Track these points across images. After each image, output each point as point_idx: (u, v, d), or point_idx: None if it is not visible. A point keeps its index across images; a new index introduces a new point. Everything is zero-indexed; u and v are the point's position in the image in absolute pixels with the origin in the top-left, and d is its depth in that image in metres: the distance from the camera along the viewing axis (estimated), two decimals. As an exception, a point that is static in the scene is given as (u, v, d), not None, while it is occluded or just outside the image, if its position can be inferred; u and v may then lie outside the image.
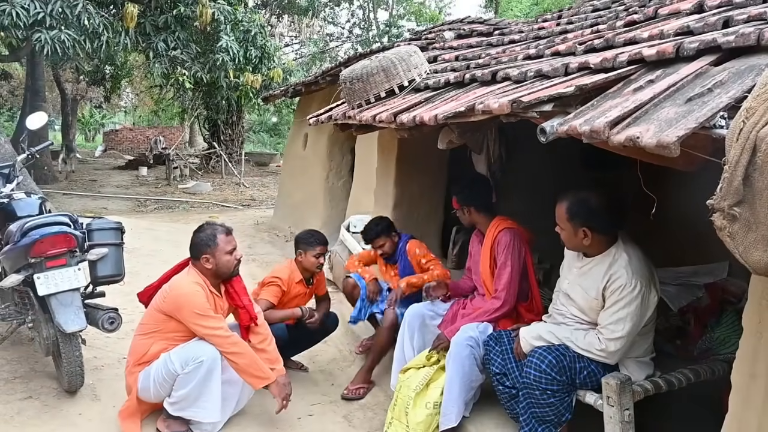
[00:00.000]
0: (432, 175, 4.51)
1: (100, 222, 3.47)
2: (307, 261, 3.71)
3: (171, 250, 6.23)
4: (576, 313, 2.60)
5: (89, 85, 20.74)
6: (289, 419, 3.28)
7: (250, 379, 2.97)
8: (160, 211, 11.92)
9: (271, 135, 31.71)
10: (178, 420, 2.97)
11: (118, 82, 19.73)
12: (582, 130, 1.70)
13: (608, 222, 2.50)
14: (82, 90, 22.07)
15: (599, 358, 2.47)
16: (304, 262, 3.71)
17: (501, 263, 3.13)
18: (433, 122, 2.61)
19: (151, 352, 2.97)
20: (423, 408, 2.96)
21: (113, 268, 3.38)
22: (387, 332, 3.58)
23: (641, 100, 1.72)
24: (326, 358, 3.97)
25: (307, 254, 3.71)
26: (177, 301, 2.92)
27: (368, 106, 3.60)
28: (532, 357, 2.54)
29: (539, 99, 2.03)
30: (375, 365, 3.68)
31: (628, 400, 2.36)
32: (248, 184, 16.07)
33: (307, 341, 3.89)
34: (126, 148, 27.49)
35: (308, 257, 3.71)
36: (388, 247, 3.89)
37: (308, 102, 8.71)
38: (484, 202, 3.32)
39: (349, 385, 3.63)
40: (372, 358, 3.67)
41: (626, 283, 2.39)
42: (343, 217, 6.95)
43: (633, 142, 1.53)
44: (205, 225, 3.13)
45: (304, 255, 3.71)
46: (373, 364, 3.68)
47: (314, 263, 3.73)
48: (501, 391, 2.79)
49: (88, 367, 3.43)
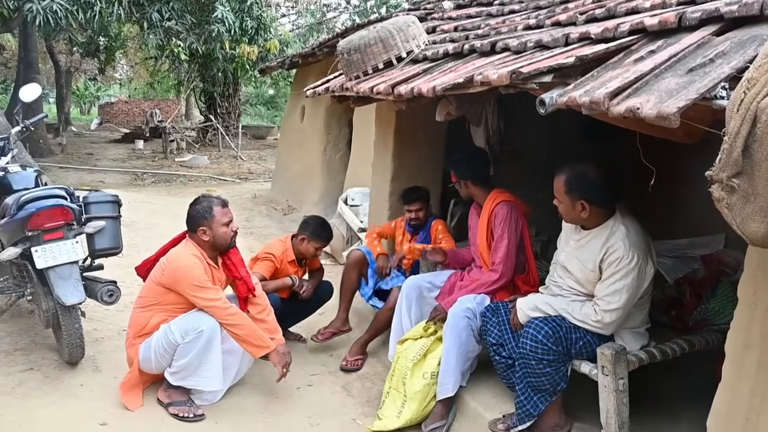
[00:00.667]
0: (430, 148, 4.48)
1: (96, 195, 3.47)
2: (306, 249, 3.75)
3: (169, 223, 6.23)
4: (573, 285, 2.61)
5: (83, 57, 20.48)
6: (289, 389, 3.33)
7: (250, 348, 3.00)
8: (158, 185, 11.88)
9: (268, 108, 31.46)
10: (179, 390, 3.01)
11: (113, 53, 19.48)
12: (582, 101, 1.68)
13: (606, 195, 2.50)
14: (76, 62, 21.79)
15: (595, 328, 2.49)
16: (302, 248, 3.74)
17: (498, 236, 3.13)
18: (431, 94, 2.58)
19: (151, 324, 3.00)
20: (420, 378, 3.00)
21: (111, 241, 3.38)
22: (389, 313, 3.60)
23: (642, 70, 1.70)
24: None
25: (309, 243, 3.75)
26: (175, 274, 2.94)
27: (366, 77, 3.56)
28: (528, 328, 2.56)
29: (539, 70, 2.01)
30: (371, 339, 3.72)
31: (622, 370, 2.39)
32: (245, 157, 16.00)
33: (303, 311, 3.92)
34: (122, 121, 27.25)
35: (308, 247, 3.75)
36: (423, 215, 3.91)
37: (305, 74, 8.62)
38: (481, 175, 3.32)
39: (348, 356, 3.68)
40: (370, 332, 3.70)
41: (623, 255, 2.40)
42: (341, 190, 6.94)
43: (633, 114, 1.52)
44: (201, 197, 3.13)
45: (306, 242, 3.74)
46: (370, 338, 3.72)
47: (311, 253, 3.80)
48: (497, 361, 2.82)
49: (88, 339, 3.46)
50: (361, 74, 3.60)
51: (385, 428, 2.95)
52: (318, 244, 3.75)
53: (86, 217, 3.32)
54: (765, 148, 1.30)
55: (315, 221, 3.84)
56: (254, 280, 3.24)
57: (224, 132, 17.52)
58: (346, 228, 5.73)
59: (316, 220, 3.86)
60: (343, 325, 3.91)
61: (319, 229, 3.77)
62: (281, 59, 9.68)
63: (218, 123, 17.89)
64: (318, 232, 3.76)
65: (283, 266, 3.73)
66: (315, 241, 3.74)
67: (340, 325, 3.91)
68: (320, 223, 3.83)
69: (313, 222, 3.83)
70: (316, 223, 3.81)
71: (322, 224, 3.83)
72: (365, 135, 5.66)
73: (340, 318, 3.92)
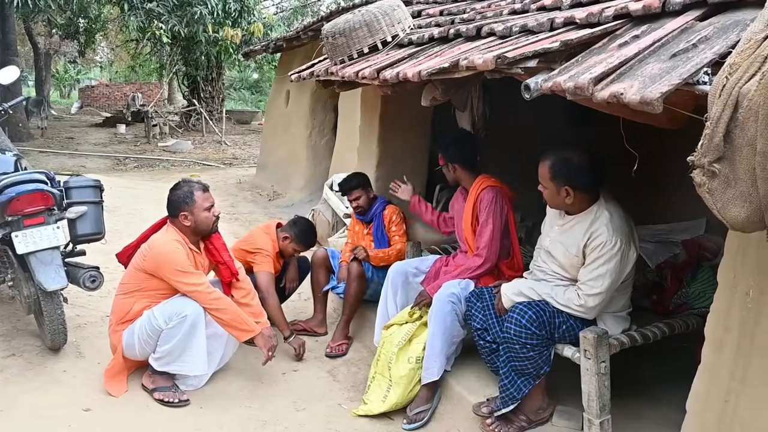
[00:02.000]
0: (415, 133, 4.48)
1: (78, 179, 3.42)
2: (285, 247, 3.77)
3: (152, 208, 6.17)
4: (556, 270, 2.64)
5: (62, 39, 20.07)
6: (274, 374, 3.33)
7: (235, 333, 3.00)
8: (140, 170, 11.74)
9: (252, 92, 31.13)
10: (164, 375, 3.00)
11: (93, 35, 19.08)
12: (566, 86, 1.69)
13: (590, 180, 2.52)
14: (55, 44, 21.36)
15: (578, 313, 2.52)
16: (282, 244, 3.75)
17: (483, 221, 3.15)
18: (416, 79, 2.57)
19: (134, 310, 2.98)
20: (406, 363, 3.02)
21: (93, 226, 3.34)
22: (356, 282, 3.65)
23: (626, 55, 1.71)
24: (309, 315, 4.00)
25: (291, 244, 3.75)
26: (157, 259, 2.92)
27: (351, 62, 3.54)
28: (512, 312, 2.58)
29: (524, 55, 2.01)
30: (351, 318, 3.75)
31: (604, 353, 2.43)
32: (230, 142, 15.85)
33: (283, 291, 3.92)
34: (103, 104, 26.83)
35: (288, 246, 3.76)
36: (363, 201, 3.93)
37: (290, 58, 8.53)
38: (469, 160, 3.32)
39: (331, 343, 3.69)
40: (347, 311, 3.73)
41: (607, 240, 2.42)
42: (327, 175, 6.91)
43: (616, 99, 1.53)
44: (181, 182, 3.10)
45: (288, 241, 3.74)
46: (349, 318, 3.75)
47: (288, 252, 3.82)
48: (482, 345, 2.85)
49: (70, 325, 3.43)
50: (346, 58, 3.58)
51: (370, 412, 2.98)
52: (299, 247, 3.78)
53: (67, 202, 3.28)
54: (746, 133, 1.31)
55: (304, 225, 3.81)
56: (237, 264, 3.23)
57: (208, 117, 17.33)
58: (332, 214, 5.71)
59: (305, 224, 3.83)
60: (319, 326, 3.91)
61: (305, 234, 3.77)
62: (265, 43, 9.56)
63: (202, 107, 17.69)
64: (303, 237, 3.76)
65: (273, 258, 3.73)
66: (297, 243, 3.75)
67: (316, 325, 3.91)
68: (308, 229, 3.82)
69: (301, 225, 3.80)
70: (304, 228, 3.79)
71: (310, 230, 3.83)
72: (351, 120, 5.63)
73: (317, 318, 3.93)
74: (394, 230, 3.91)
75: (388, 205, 3.99)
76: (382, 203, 3.99)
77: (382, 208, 3.97)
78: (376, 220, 3.95)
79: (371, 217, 3.97)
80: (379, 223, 3.93)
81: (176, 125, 18.01)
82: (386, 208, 3.96)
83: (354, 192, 3.94)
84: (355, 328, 3.83)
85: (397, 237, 3.90)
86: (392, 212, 3.95)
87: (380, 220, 3.94)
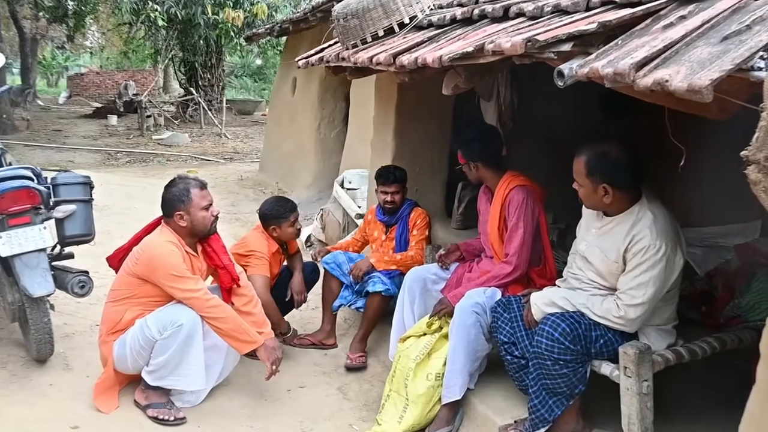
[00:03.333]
0: (436, 125, 4.47)
1: (66, 176, 3.46)
2: (285, 233, 3.76)
3: (145, 207, 6.24)
4: (593, 278, 2.62)
5: (50, 23, 20.34)
6: (279, 390, 3.35)
7: (235, 344, 3.02)
8: (133, 165, 11.88)
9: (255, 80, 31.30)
10: (158, 390, 3.03)
11: (82, 19, 19.34)
12: (604, 72, 1.68)
13: (631, 177, 2.50)
14: (42, 28, 21.65)
15: (617, 325, 2.50)
16: (281, 235, 3.76)
17: (512, 224, 3.13)
18: (437, 64, 2.57)
19: (126, 319, 3.01)
20: (424, 379, 3.02)
21: (82, 226, 3.39)
22: (378, 299, 3.63)
23: (671, 38, 1.69)
24: (317, 325, 4.02)
25: (283, 227, 3.75)
26: (151, 263, 2.95)
27: (364, 46, 3.54)
28: (543, 325, 2.57)
29: (557, 38, 2.00)
30: (369, 333, 3.76)
31: (647, 371, 2.40)
32: (230, 134, 15.97)
33: (291, 302, 3.93)
34: (93, 94, 27.17)
35: (284, 229, 3.75)
36: (400, 199, 3.90)
37: (297, 42, 8.57)
38: (493, 157, 3.31)
39: (349, 354, 3.69)
40: (365, 325, 3.73)
41: (650, 244, 2.40)
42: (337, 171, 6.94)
43: (661, 87, 1.51)
44: (176, 179, 3.13)
45: (278, 229, 3.74)
46: (368, 332, 3.75)
47: (293, 233, 3.80)
48: (509, 361, 2.84)
49: (58, 334, 3.47)
50: (359, 42, 3.59)
51: (384, 434, 2.98)
52: (289, 220, 3.73)
53: (55, 201, 3.32)
54: (807, 125, 1.29)
55: (266, 208, 3.78)
56: (238, 268, 3.25)
57: (206, 107, 17.46)
58: (342, 214, 5.73)
59: (266, 207, 3.81)
60: (327, 337, 3.93)
61: (276, 211, 3.74)
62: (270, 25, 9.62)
63: (200, 97, 17.83)
64: (278, 213, 3.73)
65: (270, 257, 3.74)
66: (284, 220, 3.72)
67: (324, 337, 3.93)
68: (271, 205, 3.79)
69: (266, 211, 3.76)
70: (269, 209, 3.76)
71: (273, 204, 3.79)
72: (364, 110, 5.65)
73: (324, 330, 3.95)
74: (414, 234, 3.89)
75: (415, 207, 3.97)
76: (409, 205, 3.97)
77: (409, 210, 3.95)
78: (401, 224, 3.93)
79: (396, 220, 3.94)
80: (404, 227, 3.91)
81: (172, 116, 18.19)
82: (413, 211, 3.95)
83: (395, 184, 3.88)
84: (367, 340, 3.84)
85: (414, 242, 3.88)
86: (418, 215, 3.94)
87: (405, 224, 3.92)
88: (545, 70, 2.06)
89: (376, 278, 3.70)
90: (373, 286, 3.67)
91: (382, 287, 3.64)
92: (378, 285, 3.65)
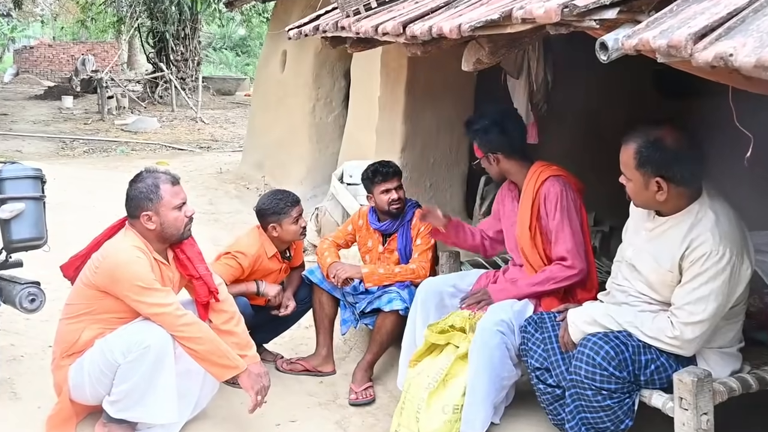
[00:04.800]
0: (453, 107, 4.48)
1: (13, 168, 3.47)
2: (286, 232, 3.72)
3: (107, 205, 6.25)
4: (643, 290, 2.62)
5: (-8, -15, 20.48)
6: (265, 425, 3.36)
7: (213, 369, 3.02)
8: (92, 155, 11.94)
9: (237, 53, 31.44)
10: (122, 424, 3.03)
11: (32, -20, 19.46)
12: (656, 45, 1.68)
13: (691, 171, 2.49)
14: (-17, -8, 21.79)
15: (671, 347, 2.50)
16: (282, 234, 3.72)
17: (556, 223, 3.13)
18: (455, 35, 2.58)
19: (83, 339, 3.01)
20: (439, 412, 3.02)
21: (32, 229, 3.40)
22: (394, 316, 3.62)
23: (737, 4, 1.69)
24: (311, 348, 4.03)
25: (284, 224, 3.70)
26: (112, 273, 2.95)
27: (368, 12, 3.55)
28: (583, 347, 2.57)
29: (599, 3, 2.00)
30: (378, 359, 3.74)
31: (707, 403, 2.40)
32: (207, 119, 16.03)
33: (282, 322, 3.94)
34: (44, 70, 27.30)
35: (286, 227, 3.71)
36: (403, 195, 3.84)
37: (287, 8, 8.59)
38: (516, 145, 3.30)
39: (353, 387, 3.65)
40: (375, 349, 3.70)
41: (711, 250, 2.40)
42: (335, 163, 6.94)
43: (724, 62, 1.51)
44: (143, 173, 3.13)
45: (279, 227, 3.70)
46: (376, 358, 3.72)
47: (296, 231, 3.76)
48: (542, 390, 2.84)
49: (3, 357, 3.50)
50: (361, 8, 3.59)
51: (392, 477, 2.99)
52: (291, 216, 3.69)
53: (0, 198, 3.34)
54: None
55: (264, 203, 3.77)
56: (217, 280, 3.25)
57: (179, 86, 17.54)
58: (342, 213, 5.74)
59: (264, 201, 3.79)
60: (323, 363, 3.88)
61: (276, 205, 3.71)
62: (255, -12, 9.65)
63: (171, 74, 17.91)
64: (277, 208, 3.70)
65: (262, 265, 3.72)
66: (285, 216, 3.69)
67: (319, 363, 3.88)
68: (270, 199, 3.77)
69: (264, 205, 3.75)
70: (267, 203, 3.74)
71: (272, 198, 3.77)
72: (367, 90, 5.65)
73: (320, 355, 3.89)
74: (418, 244, 3.80)
75: (416, 210, 3.85)
76: (411, 208, 3.88)
77: (411, 214, 3.86)
78: (403, 232, 3.84)
79: (396, 227, 3.85)
80: (407, 236, 3.83)
81: (138, 97, 18.26)
82: (414, 215, 3.84)
83: (396, 178, 3.80)
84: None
85: (417, 254, 3.78)
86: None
87: (408, 231, 3.84)
88: (585, 41, 2.06)
89: (394, 292, 3.64)
90: (389, 302, 3.61)
91: (401, 305, 3.57)
92: (396, 302, 3.58)
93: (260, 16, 20.40)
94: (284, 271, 3.89)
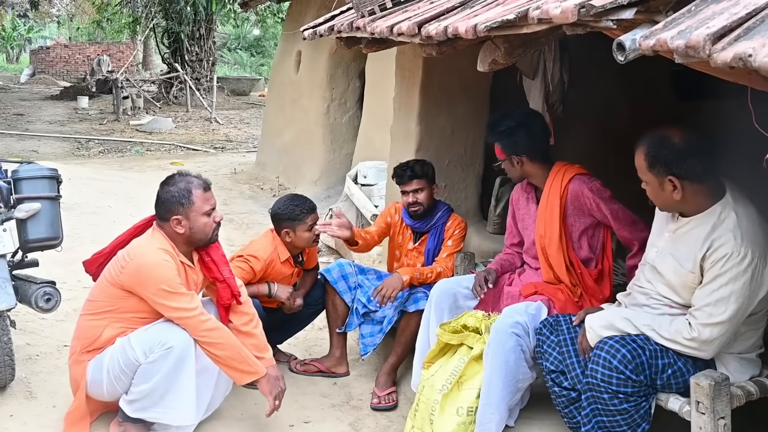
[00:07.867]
0: (469, 108, 4.47)
1: (29, 169, 3.50)
2: (299, 239, 3.71)
3: (121, 205, 6.30)
4: (664, 292, 2.60)
5: (10, -13, 20.66)
6: (279, 427, 3.36)
7: (233, 374, 3.03)
8: (107, 155, 12.02)
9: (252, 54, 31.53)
10: (138, 424, 3.03)
11: (48, -19, 19.62)
12: (674, 45, 1.67)
13: (701, 167, 2.47)
14: (0, -7, 21.99)
15: (688, 350, 2.48)
16: (295, 241, 3.71)
17: (613, 211, 3.12)
18: (471, 35, 2.57)
19: (104, 337, 3.00)
20: (453, 415, 3.02)
21: (48, 229, 3.42)
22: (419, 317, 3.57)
23: (757, 3, 1.68)
24: (325, 349, 4.03)
25: (298, 231, 3.69)
26: (139, 274, 2.95)
27: (384, 13, 3.56)
28: (600, 350, 2.56)
29: (617, 2, 1.99)
30: (401, 361, 3.72)
31: (724, 407, 2.38)
32: (222, 119, 16.10)
33: (295, 324, 3.94)
34: (61, 71, 27.52)
35: (300, 234, 3.70)
36: (425, 199, 3.77)
37: (302, 8, 8.62)
38: (541, 147, 3.29)
39: (377, 390, 3.63)
40: (400, 351, 3.69)
41: (732, 251, 2.38)
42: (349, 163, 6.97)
43: (743, 63, 1.50)
44: (176, 176, 3.11)
45: (293, 233, 3.69)
46: (400, 360, 3.71)
47: (309, 238, 3.75)
48: (557, 393, 2.83)
49: (19, 356, 3.51)
50: (377, 9, 3.60)
51: (406, 479, 2.99)
52: (306, 223, 3.69)
53: (16, 198, 3.36)
54: None
55: (279, 207, 3.76)
56: (239, 282, 3.25)
57: (194, 86, 17.61)
58: (356, 214, 5.75)
59: (279, 205, 3.79)
60: (337, 365, 3.89)
61: (291, 211, 3.70)
62: (270, -11, 9.69)
63: (186, 74, 17.99)
64: (293, 214, 3.69)
65: (274, 269, 3.73)
66: (300, 223, 3.69)
67: (333, 364, 3.89)
68: (286, 203, 3.76)
69: (279, 210, 3.74)
70: (282, 208, 3.74)
71: (288, 203, 3.76)
72: (382, 90, 5.66)
73: (333, 356, 3.90)
74: (449, 245, 3.80)
75: (452, 215, 3.88)
76: (446, 212, 3.87)
77: (445, 218, 3.85)
78: (435, 234, 3.84)
79: (429, 228, 3.85)
80: (439, 240, 3.82)
81: (153, 97, 18.36)
82: (450, 218, 3.85)
83: (415, 181, 3.76)
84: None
85: (446, 254, 3.79)
86: (456, 225, 3.84)
87: (440, 235, 3.83)
88: (602, 41, 2.05)
89: (420, 293, 3.66)
90: (415, 303, 3.62)
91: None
92: (423, 302, 3.58)
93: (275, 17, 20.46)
94: (297, 275, 3.88)
